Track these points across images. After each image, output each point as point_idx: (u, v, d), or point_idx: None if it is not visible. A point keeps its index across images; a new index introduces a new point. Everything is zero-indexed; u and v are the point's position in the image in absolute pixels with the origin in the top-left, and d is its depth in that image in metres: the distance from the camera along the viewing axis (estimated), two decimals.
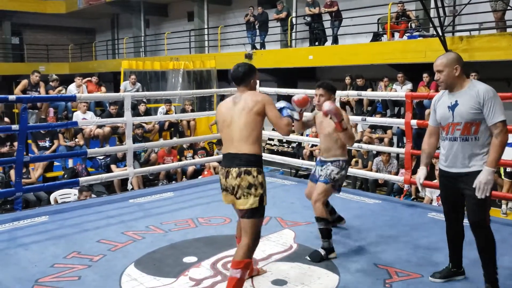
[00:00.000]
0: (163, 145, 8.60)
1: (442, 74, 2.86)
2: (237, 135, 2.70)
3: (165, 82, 12.69)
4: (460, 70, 2.83)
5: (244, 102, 2.73)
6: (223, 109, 2.83)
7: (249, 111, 2.70)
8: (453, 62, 2.84)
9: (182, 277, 3.14)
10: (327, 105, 3.40)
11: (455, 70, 2.83)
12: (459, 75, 2.84)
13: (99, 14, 21.90)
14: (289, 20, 12.16)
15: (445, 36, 8.30)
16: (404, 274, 3.18)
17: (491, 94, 2.75)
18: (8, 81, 17.46)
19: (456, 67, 2.83)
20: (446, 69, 2.85)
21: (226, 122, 2.77)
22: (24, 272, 3.21)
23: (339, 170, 3.63)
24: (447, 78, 2.86)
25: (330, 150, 3.68)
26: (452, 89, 2.88)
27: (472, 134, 2.81)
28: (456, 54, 2.94)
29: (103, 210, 4.71)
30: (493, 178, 2.74)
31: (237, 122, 2.71)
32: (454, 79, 2.85)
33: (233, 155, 2.70)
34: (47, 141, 7.91)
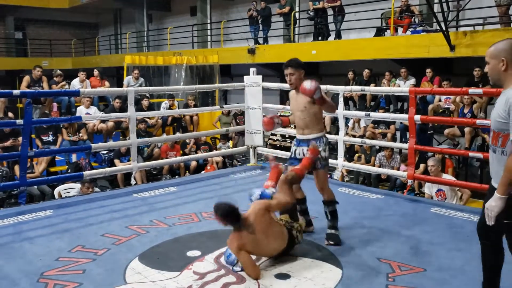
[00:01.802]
0: (166, 140, 8.62)
1: (488, 66, 2.42)
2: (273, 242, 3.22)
3: (168, 77, 12.70)
4: (507, 64, 2.33)
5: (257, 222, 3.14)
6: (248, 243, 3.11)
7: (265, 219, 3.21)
8: (500, 52, 2.35)
9: (186, 271, 3.16)
10: (309, 84, 3.39)
11: (502, 63, 2.35)
12: (507, 70, 2.34)
13: (102, 9, 21.89)
14: (292, 14, 12.13)
15: (448, 31, 8.27)
16: (407, 268, 3.19)
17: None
18: (11, 76, 17.52)
19: (503, 59, 2.34)
20: (492, 61, 2.39)
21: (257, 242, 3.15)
22: (29, 266, 3.24)
23: (325, 147, 3.66)
24: (491, 71, 2.41)
25: (308, 127, 3.66)
26: (500, 85, 2.43)
27: (499, 146, 2.38)
28: (509, 42, 2.37)
29: (107, 204, 4.74)
30: (500, 205, 2.33)
31: (264, 240, 3.17)
32: (500, 74, 2.37)
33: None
34: (50, 136, 7.93)
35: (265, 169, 6.59)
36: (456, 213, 4.46)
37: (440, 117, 7.81)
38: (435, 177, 5.49)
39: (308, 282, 3.00)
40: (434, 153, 6.94)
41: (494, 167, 2.45)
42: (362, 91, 6.33)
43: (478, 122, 4.96)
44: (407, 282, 3.00)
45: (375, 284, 2.98)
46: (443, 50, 8.61)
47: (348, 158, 8.60)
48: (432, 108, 8.53)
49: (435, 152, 6.93)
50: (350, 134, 8.91)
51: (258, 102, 6.36)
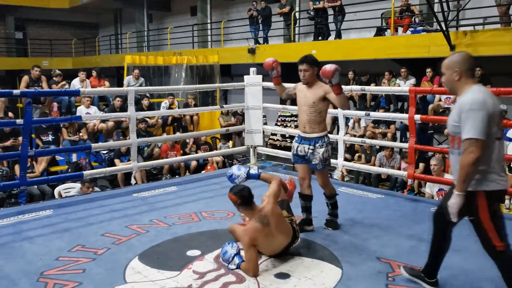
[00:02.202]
0: (166, 140, 8.63)
1: (444, 76, 2.66)
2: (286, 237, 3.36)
3: (168, 77, 12.71)
4: (461, 74, 2.56)
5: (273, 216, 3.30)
6: (262, 234, 3.22)
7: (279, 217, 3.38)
8: (454, 64, 2.59)
9: (186, 270, 3.16)
10: (329, 65, 3.46)
11: (455, 74, 2.58)
12: (460, 80, 2.57)
13: (102, 8, 21.89)
14: (292, 14, 12.13)
15: (449, 31, 8.27)
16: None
17: (467, 107, 2.45)
18: (11, 76, 17.53)
19: (456, 70, 2.58)
20: (447, 71, 2.63)
21: (269, 239, 3.26)
22: (29, 265, 3.24)
23: (326, 148, 3.81)
24: (446, 81, 2.64)
25: (312, 123, 3.76)
26: (456, 93, 2.64)
27: (456, 148, 2.59)
28: (460, 55, 2.64)
29: (107, 204, 4.74)
30: (460, 202, 2.48)
31: (278, 233, 3.32)
32: (454, 83, 2.60)
33: (286, 248, 3.39)
34: (50, 136, 7.94)
35: (265, 169, 6.60)
36: None
37: (440, 116, 7.80)
38: (438, 176, 5.48)
39: (308, 282, 3.00)
40: (434, 153, 6.93)
41: (454, 167, 2.63)
42: (362, 90, 6.33)
43: None
44: (407, 281, 3.00)
45: (375, 283, 2.98)
46: (443, 50, 8.60)
47: (349, 157, 8.61)
48: (432, 108, 8.53)
49: (435, 151, 6.92)
50: (351, 133, 8.91)
51: (258, 102, 6.36)
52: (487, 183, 2.49)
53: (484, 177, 2.48)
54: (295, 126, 11.03)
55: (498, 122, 2.49)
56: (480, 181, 2.48)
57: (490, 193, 2.49)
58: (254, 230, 3.14)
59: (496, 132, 2.48)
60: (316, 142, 3.77)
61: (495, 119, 2.46)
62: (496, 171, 2.49)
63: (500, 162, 2.53)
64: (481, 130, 2.40)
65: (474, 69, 2.63)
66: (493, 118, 2.45)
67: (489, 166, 2.48)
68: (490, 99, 2.49)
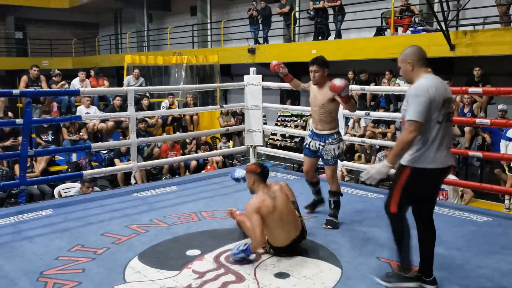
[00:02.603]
0: (166, 140, 8.63)
1: (401, 70, 2.88)
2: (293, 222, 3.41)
3: (168, 77, 12.70)
4: (413, 65, 2.79)
5: (282, 195, 3.44)
6: (267, 208, 3.28)
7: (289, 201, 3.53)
8: (406, 57, 2.83)
9: (186, 270, 3.16)
10: (339, 81, 3.60)
11: (409, 65, 2.81)
12: (413, 70, 2.81)
13: (102, 8, 21.90)
14: (292, 14, 12.13)
15: (449, 30, 8.27)
16: None
17: (412, 93, 2.71)
18: (11, 76, 17.52)
19: (409, 62, 2.80)
20: (402, 64, 2.85)
21: (276, 217, 3.30)
22: (29, 265, 3.24)
23: (338, 144, 3.98)
24: (403, 73, 2.88)
25: (323, 122, 3.96)
26: (412, 83, 2.85)
27: None
28: (412, 48, 2.87)
29: (107, 203, 4.74)
30: (385, 172, 2.72)
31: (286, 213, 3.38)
32: (409, 74, 2.84)
33: (298, 238, 3.42)
34: (49, 135, 7.94)
35: None
36: (455, 212, 4.45)
37: None
38: None
39: (307, 281, 3.00)
40: None
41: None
42: (362, 90, 6.32)
43: (478, 121, 4.96)
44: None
45: (375, 283, 2.98)
46: (443, 50, 8.61)
47: (349, 157, 8.61)
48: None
49: None
50: (351, 133, 8.91)
51: (258, 102, 6.36)
52: (418, 160, 2.72)
53: (417, 155, 2.72)
54: (295, 126, 11.04)
55: (441, 109, 2.70)
56: (413, 158, 2.73)
57: (415, 169, 2.73)
58: (259, 200, 3.25)
59: (438, 116, 2.70)
60: (326, 139, 3.97)
61: (436, 105, 2.69)
62: (430, 151, 2.72)
63: (437, 143, 2.72)
64: (420, 114, 2.65)
65: (424, 59, 2.83)
66: (435, 104, 2.68)
67: (424, 146, 2.72)
68: (434, 87, 2.70)
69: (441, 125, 2.72)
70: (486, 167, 7.99)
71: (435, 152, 2.72)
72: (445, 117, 2.74)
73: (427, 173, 2.73)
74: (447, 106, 2.76)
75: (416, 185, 2.77)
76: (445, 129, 2.75)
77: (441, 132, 2.73)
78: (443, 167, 2.77)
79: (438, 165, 2.74)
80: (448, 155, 2.80)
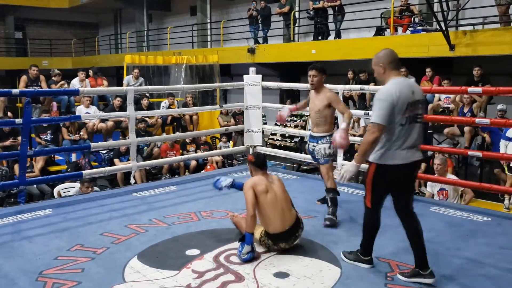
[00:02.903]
0: (166, 139, 8.62)
1: (375, 72, 3.06)
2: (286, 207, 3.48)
3: (168, 77, 12.70)
4: (384, 68, 2.96)
5: (278, 182, 3.59)
6: (261, 188, 3.40)
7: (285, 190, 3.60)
8: (379, 60, 2.99)
9: (185, 269, 3.16)
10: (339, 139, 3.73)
11: (381, 68, 2.98)
12: (385, 72, 2.97)
13: (102, 8, 21.90)
14: (292, 14, 12.13)
15: (448, 30, 8.27)
16: (405, 267, 3.18)
17: (376, 96, 2.91)
18: (11, 76, 17.52)
19: (381, 65, 2.97)
20: (376, 67, 3.02)
21: (270, 200, 3.41)
22: (28, 264, 3.24)
23: (329, 144, 4.14)
24: (377, 75, 3.05)
25: (319, 126, 4.20)
26: (384, 84, 3.01)
27: None
28: (384, 51, 3.02)
29: (107, 203, 4.74)
30: (353, 171, 3.01)
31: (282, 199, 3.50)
32: (382, 76, 3.00)
33: (294, 226, 3.46)
34: (48, 135, 7.94)
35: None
36: (455, 212, 4.46)
37: (440, 116, 7.81)
38: (440, 176, 5.47)
39: (307, 281, 3.00)
40: (434, 152, 6.93)
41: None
42: (361, 90, 6.32)
43: (478, 121, 4.96)
44: (405, 281, 2.99)
45: (374, 283, 2.98)
46: (443, 50, 8.61)
47: (349, 157, 8.60)
48: (432, 107, 8.53)
49: (435, 151, 6.91)
50: (350, 133, 8.91)
51: (258, 101, 6.36)
52: (381, 158, 2.95)
53: (381, 153, 2.94)
54: (294, 126, 11.03)
55: (404, 112, 2.86)
56: (377, 155, 2.95)
57: (380, 165, 2.96)
58: (255, 179, 3.43)
59: (401, 119, 2.86)
60: (319, 140, 4.19)
61: (400, 109, 2.85)
62: (393, 150, 2.91)
63: (399, 142, 2.90)
64: (382, 117, 2.84)
65: (396, 62, 2.99)
66: (398, 108, 2.84)
67: (387, 144, 2.92)
68: (399, 91, 2.85)
69: (404, 127, 2.88)
70: (486, 167, 7.99)
71: (397, 150, 2.91)
72: (409, 119, 2.89)
73: (391, 168, 2.93)
74: (412, 109, 2.89)
75: (382, 180, 2.99)
76: (409, 130, 2.90)
77: (404, 133, 2.89)
78: (406, 163, 2.93)
79: (400, 162, 2.92)
80: (413, 152, 2.95)
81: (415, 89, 2.96)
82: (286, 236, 3.38)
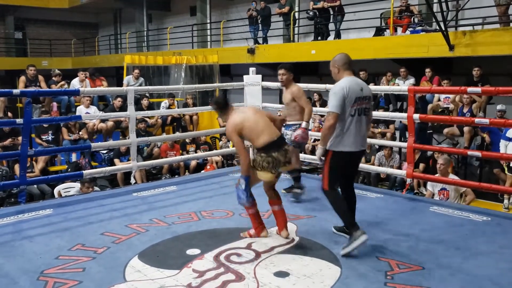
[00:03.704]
0: (166, 140, 8.63)
1: (332, 73, 3.59)
2: (267, 128, 3.60)
3: (168, 77, 12.70)
4: (339, 69, 3.53)
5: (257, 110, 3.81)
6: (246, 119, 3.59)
7: (264, 114, 3.76)
8: (334, 63, 3.56)
9: (186, 269, 3.17)
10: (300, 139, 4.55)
11: (336, 69, 3.54)
12: (339, 72, 3.54)
13: (102, 8, 21.89)
14: (291, 14, 12.14)
15: (448, 30, 8.28)
16: (405, 267, 3.20)
17: (331, 91, 3.46)
18: (11, 76, 17.51)
19: (336, 66, 3.54)
20: (332, 68, 3.58)
21: (252, 125, 3.57)
22: (29, 264, 3.25)
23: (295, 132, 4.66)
24: (333, 76, 3.59)
25: (291, 116, 4.72)
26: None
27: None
28: (338, 56, 3.59)
29: (107, 203, 4.75)
30: (321, 152, 3.49)
31: (261, 121, 3.62)
32: (336, 76, 3.56)
33: (279, 139, 3.61)
34: (49, 135, 7.95)
35: None
36: (455, 212, 4.47)
37: (440, 116, 7.82)
38: (443, 176, 5.47)
39: (307, 280, 3.01)
40: (434, 152, 6.94)
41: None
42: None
43: (477, 121, 4.97)
44: (405, 280, 3.01)
45: (374, 282, 2.99)
46: (443, 50, 8.61)
47: None
48: (432, 108, 8.54)
49: (434, 151, 6.93)
50: None
51: (258, 102, 6.37)
52: (335, 145, 3.47)
53: (336, 142, 3.46)
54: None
55: (353, 105, 3.41)
56: (332, 143, 3.47)
57: (335, 152, 3.47)
58: (231, 121, 3.58)
59: (351, 110, 3.42)
60: (290, 127, 4.71)
61: (349, 101, 3.40)
62: (345, 138, 3.44)
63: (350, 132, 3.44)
64: (336, 107, 3.39)
65: (349, 64, 3.56)
66: (348, 101, 3.40)
67: (340, 133, 3.45)
68: (349, 87, 3.41)
69: (354, 118, 3.44)
70: (485, 166, 8.00)
71: (348, 138, 3.45)
72: (357, 111, 3.45)
73: (344, 154, 3.48)
74: (360, 103, 3.45)
75: (337, 164, 3.50)
76: (358, 121, 3.46)
77: (354, 123, 3.44)
78: (356, 150, 3.52)
79: (351, 149, 3.47)
80: (361, 141, 3.53)
81: (364, 87, 3.52)
82: (276, 144, 3.55)
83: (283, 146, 3.60)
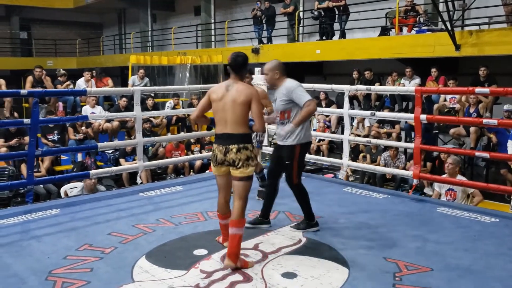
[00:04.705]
0: (171, 140, 8.64)
1: (267, 76, 3.75)
2: (230, 119, 3.23)
3: (173, 77, 12.73)
4: (279, 74, 3.71)
5: (236, 92, 3.24)
6: (216, 95, 3.31)
7: (239, 103, 3.22)
8: (274, 67, 3.72)
9: (193, 269, 3.17)
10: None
11: (276, 74, 3.71)
12: (279, 77, 3.72)
13: (107, 8, 21.95)
14: (296, 14, 12.12)
15: (454, 30, 8.24)
16: (414, 268, 3.19)
17: (294, 88, 3.67)
18: (16, 76, 17.58)
19: (276, 72, 3.71)
20: (270, 72, 3.72)
21: (219, 106, 3.28)
22: (37, 264, 3.26)
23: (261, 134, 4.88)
24: (269, 79, 3.75)
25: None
26: (276, 87, 3.77)
27: (286, 119, 3.75)
28: (277, 62, 3.77)
29: (113, 203, 4.76)
30: (290, 131, 3.67)
31: (230, 109, 3.23)
32: (275, 80, 3.74)
33: (229, 135, 3.24)
34: (55, 135, 7.98)
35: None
36: (462, 213, 4.45)
37: (446, 116, 7.78)
38: (451, 176, 5.44)
39: (314, 281, 3.00)
40: (440, 153, 6.91)
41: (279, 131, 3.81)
42: (367, 90, 6.31)
43: (484, 121, 4.94)
44: (414, 281, 2.99)
45: (382, 283, 2.98)
46: (449, 50, 8.58)
47: (353, 157, 8.59)
48: (438, 108, 8.50)
49: (441, 151, 6.90)
50: (354, 134, 8.90)
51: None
52: (302, 138, 3.74)
53: (301, 134, 3.72)
54: None
55: None
56: (299, 138, 3.72)
57: (302, 144, 3.75)
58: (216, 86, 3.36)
59: None
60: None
61: None
62: (306, 130, 3.79)
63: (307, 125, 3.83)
64: (308, 95, 3.69)
65: (285, 70, 3.76)
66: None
67: (304, 128, 3.75)
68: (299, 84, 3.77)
69: None
70: (492, 167, 7.96)
71: (307, 130, 3.81)
72: None
73: (308, 145, 3.91)
74: None
75: (302, 157, 3.83)
76: None
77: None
78: (310, 141, 3.94)
79: (309, 140, 3.86)
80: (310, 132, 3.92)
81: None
82: (220, 139, 3.27)
83: (229, 144, 3.22)
